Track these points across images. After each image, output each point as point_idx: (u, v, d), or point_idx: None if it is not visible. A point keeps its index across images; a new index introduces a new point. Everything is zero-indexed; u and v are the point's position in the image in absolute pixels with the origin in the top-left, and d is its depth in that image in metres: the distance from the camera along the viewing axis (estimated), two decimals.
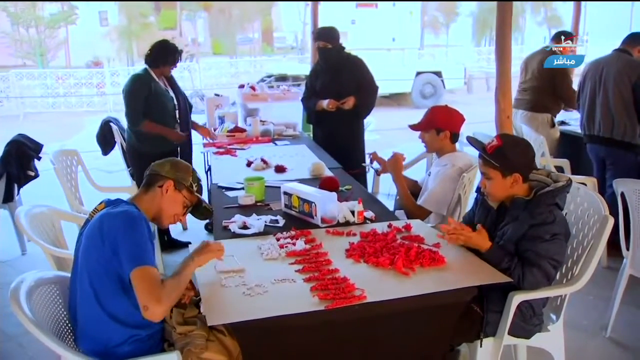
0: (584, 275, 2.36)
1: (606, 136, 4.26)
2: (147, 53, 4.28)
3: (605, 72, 4.24)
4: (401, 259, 2.16)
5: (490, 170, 2.35)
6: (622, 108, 4.13)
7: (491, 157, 2.33)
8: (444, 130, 3.10)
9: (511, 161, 2.31)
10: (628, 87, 4.09)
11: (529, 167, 2.36)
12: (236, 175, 3.55)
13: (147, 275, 1.85)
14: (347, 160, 4.31)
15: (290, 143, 4.76)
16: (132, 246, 1.88)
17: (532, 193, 2.31)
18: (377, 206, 3.03)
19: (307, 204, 2.72)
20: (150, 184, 2.16)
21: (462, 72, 14.84)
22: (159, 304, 1.81)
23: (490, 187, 2.38)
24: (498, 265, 2.22)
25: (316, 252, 2.31)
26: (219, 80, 16.44)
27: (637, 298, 3.60)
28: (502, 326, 2.27)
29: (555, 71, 5.24)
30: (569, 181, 2.35)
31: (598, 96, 4.30)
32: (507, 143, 2.34)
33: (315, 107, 4.69)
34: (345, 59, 4.73)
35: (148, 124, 4.14)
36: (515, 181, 2.32)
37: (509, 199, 2.36)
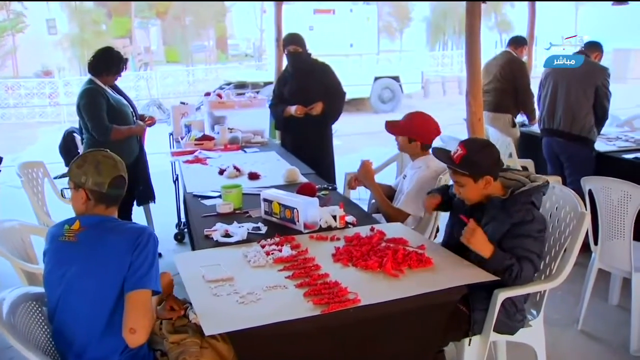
0: (563, 270, 2.43)
1: (565, 130, 4.50)
2: (90, 61, 4.12)
3: (568, 72, 4.47)
4: (390, 261, 2.19)
5: (461, 178, 2.40)
6: (584, 105, 4.39)
7: (460, 167, 2.38)
8: (416, 140, 3.16)
9: (480, 166, 2.36)
10: (591, 87, 4.35)
11: (496, 166, 2.42)
12: (210, 184, 3.52)
13: (148, 299, 1.85)
14: (316, 166, 4.33)
15: (259, 150, 4.74)
16: (145, 267, 1.88)
17: (508, 192, 2.37)
18: (356, 210, 3.05)
19: (288, 210, 2.71)
20: (114, 202, 2.09)
21: (419, 76, 15.07)
22: (147, 332, 1.81)
23: (464, 193, 2.44)
24: (501, 265, 2.24)
25: (303, 258, 2.31)
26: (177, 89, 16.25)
27: (605, 291, 3.72)
28: (487, 323, 2.32)
29: (514, 73, 5.43)
30: (545, 182, 2.42)
31: (560, 93, 4.53)
32: (472, 149, 2.39)
33: (284, 114, 4.70)
34: (313, 64, 4.76)
35: (116, 131, 4.03)
36: (487, 183, 2.38)
37: (485, 198, 2.41)
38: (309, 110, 4.57)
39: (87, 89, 4.03)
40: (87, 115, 3.99)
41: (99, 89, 4.02)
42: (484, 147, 2.46)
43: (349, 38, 14.80)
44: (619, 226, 3.18)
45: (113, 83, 4.20)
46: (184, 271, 2.23)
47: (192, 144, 4.75)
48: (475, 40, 3.38)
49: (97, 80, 4.05)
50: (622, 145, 4.63)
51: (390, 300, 1.95)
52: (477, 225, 2.27)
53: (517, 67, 5.50)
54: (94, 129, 3.99)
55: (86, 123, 4.02)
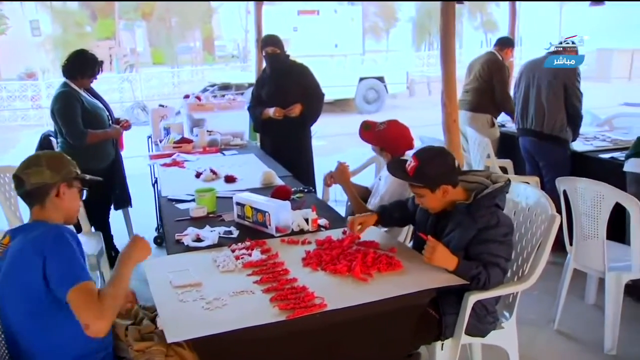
0: (534, 272, 2.44)
1: (537, 129, 4.54)
2: (64, 63, 4.06)
3: (539, 72, 4.52)
4: (359, 265, 2.18)
5: (418, 190, 2.39)
6: (554, 104, 4.42)
7: (414, 179, 2.36)
8: (386, 151, 3.14)
9: (433, 176, 2.33)
10: (560, 86, 4.37)
11: (451, 174, 2.37)
12: (186, 187, 3.50)
13: (83, 292, 1.77)
14: (294, 167, 4.32)
15: (238, 152, 4.72)
16: (62, 266, 1.81)
17: (472, 196, 2.34)
18: (329, 213, 3.04)
19: (260, 213, 2.70)
20: (41, 198, 2.02)
21: (404, 76, 15.10)
22: (100, 319, 1.73)
23: (426, 204, 2.42)
24: (468, 274, 2.22)
25: (273, 262, 2.30)
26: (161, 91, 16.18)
27: (580, 290, 3.74)
28: (458, 327, 2.32)
29: (492, 74, 5.45)
30: (507, 181, 2.39)
31: (532, 93, 4.57)
32: (424, 160, 2.35)
33: (262, 116, 4.68)
34: (291, 66, 4.75)
35: (91, 135, 3.99)
36: (445, 192, 2.34)
37: (449, 205, 2.40)
38: (287, 112, 4.55)
39: (61, 92, 3.98)
40: (61, 120, 3.95)
41: (73, 92, 3.98)
42: (436, 156, 2.40)
43: (333, 39, 14.83)
44: (592, 226, 3.19)
45: (88, 86, 4.15)
46: (152, 277, 2.21)
47: (171, 147, 4.72)
48: (449, 41, 3.39)
49: (71, 84, 4.01)
50: (599, 145, 4.64)
51: (357, 305, 1.94)
52: (438, 240, 2.24)
53: (495, 68, 5.52)
54: (69, 134, 3.95)
55: (61, 127, 3.97)
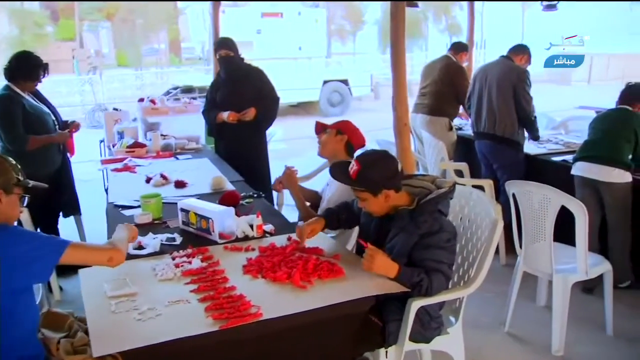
0: (478, 277, 2.44)
1: (490, 132, 4.60)
2: (6, 66, 3.92)
3: (490, 75, 4.59)
4: (298, 272, 2.15)
5: (361, 194, 2.36)
6: (504, 107, 4.49)
7: (356, 183, 2.34)
8: (343, 133, 3.12)
9: (374, 180, 2.31)
10: (509, 89, 4.44)
11: (394, 179, 2.35)
12: (135, 193, 3.42)
13: (77, 246, 1.93)
14: (250, 172, 4.28)
15: (192, 157, 4.66)
16: (34, 244, 1.86)
17: (415, 201, 2.33)
18: (278, 219, 3.01)
19: (204, 220, 2.65)
20: None
21: (368, 79, 15.16)
22: (115, 250, 2.01)
23: (368, 207, 2.40)
24: (410, 281, 2.20)
25: (213, 270, 2.25)
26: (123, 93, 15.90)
27: (532, 292, 3.78)
28: (402, 333, 2.30)
29: (453, 77, 5.50)
30: (451, 187, 2.38)
31: (484, 96, 4.64)
32: (365, 164, 2.33)
33: (216, 120, 4.62)
34: (246, 69, 4.69)
35: (33, 140, 3.85)
36: (387, 196, 2.33)
37: (392, 209, 2.38)
38: (241, 116, 4.50)
39: (1, 96, 3.85)
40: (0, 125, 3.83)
41: (14, 96, 3.85)
42: (379, 160, 2.38)
43: (297, 41, 14.82)
44: (540, 229, 3.22)
45: (33, 89, 4.03)
46: (86, 287, 2.15)
47: (123, 152, 4.64)
48: (400, 45, 3.39)
49: (13, 87, 3.88)
50: (552, 148, 4.71)
51: (294, 313, 1.91)
52: (380, 246, 2.24)
53: (454, 71, 5.57)
54: (8, 139, 3.83)
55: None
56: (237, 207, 3.10)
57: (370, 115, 11.12)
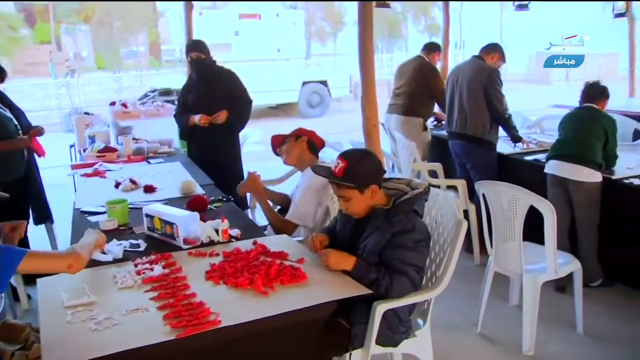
0: (443, 279, 2.42)
1: (462, 132, 4.61)
2: None
3: (461, 75, 4.60)
4: (260, 278, 2.12)
5: (347, 192, 2.35)
6: (474, 107, 4.50)
7: (344, 180, 2.32)
8: (302, 136, 3.11)
9: (363, 175, 2.32)
10: (479, 89, 4.44)
11: (379, 173, 2.39)
12: (103, 198, 3.35)
13: (34, 255, 1.86)
14: (223, 175, 4.24)
15: (164, 161, 4.61)
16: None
17: (391, 202, 2.34)
18: (245, 223, 2.98)
19: (168, 225, 2.61)
20: None
21: (347, 80, 15.16)
22: (75, 257, 1.95)
23: (352, 207, 2.38)
24: (365, 278, 2.21)
25: (174, 277, 2.21)
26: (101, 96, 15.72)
27: (505, 291, 3.78)
28: (368, 337, 2.28)
29: (427, 77, 5.50)
30: (426, 188, 2.39)
31: (456, 96, 4.65)
32: (353, 160, 2.34)
33: (188, 123, 4.58)
34: (218, 72, 4.66)
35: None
36: (373, 192, 2.34)
37: (370, 210, 2.38)
38: (213, 119, 4.46)
39: None
40: None
41: None
42: (365, 156, 2.41)
43: (275, 43, 14.77)
44: (510, 229, 3.23)
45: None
46: (43, 296, 2.10)
47: (94, 156, 4.57)
48: (368, 45, 3.37)
49: None
50: (525, 147, 4.72)
51: (254, 320, 1.88)
52: (356, 244, 2.29)
53: (428, 72, 5.56)
54: None
55: None
56: (205, 212, 3.07)
57: (350, 116, 11.11)
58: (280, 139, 3.20)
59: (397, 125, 5.46)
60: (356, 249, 2.36)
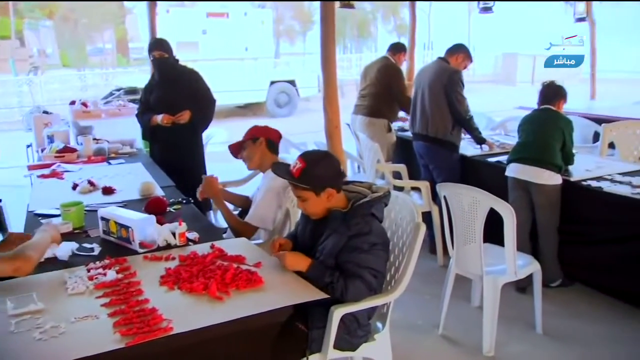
0: (401, 282, 2.41)
1: (423, 133, 4.62)
2: None
3: (425, 76, 4.62)
4: (215, 282, 2.08)
5: (303, 193, 2.34)
6: (435, 109, 4.51)
7: (300, 181, 2.31)
8: (259, 137, 3.07)
9: (319, 178, 2.30)
10: (441, 90, 4.45)
11: (336, 177, 2.37)
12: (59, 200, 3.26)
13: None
14: (185, 176, 4.17)
15: (125, 161, 4.52)
16: None
17: (350, 204, 2.33)
18: (204, 225, 2.93)
19: (124, 229, 2.55)
20: None
21: (316, 80, 15.14)
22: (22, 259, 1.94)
23: (309, 208, 2.37)
24: (320, 280, 2.20)
25: (128, 282, 2.15)
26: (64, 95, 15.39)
27: (467, 293, 3.80)
28: (326, 341, 2.26)
29: (390, 78, 5.50)
30: (386, 192, 2.39)
31: (419, 97, 4.66)
32: (310, 161, 2.32)
33: (150, 123, 4.50)
34: (181, 71, 4.59)
35: None
36: (330, 195, 2.32)
37: (329, 212, 2.36)
38: (176, 118, 4.39)
39: None
40: None
41: None
42: (323, 158, 2.39)
43: (244, 42, 14.70)
44: (470, 231, 3.24)
45: None
46: None
47: (52, 157, 4.46)
48: (329, 46, 3.34)
49: None
50: (489, 150, 4.75)
51: (207, 326, 1.84)
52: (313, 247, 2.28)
53: (392, 72, 5.57)
54: None
55: None
56: (164, 214, 3.02)
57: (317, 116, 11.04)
58: (237, 146, 3.14)
59: (362, 126, 5.46)
60: (315, 251, 2.34)
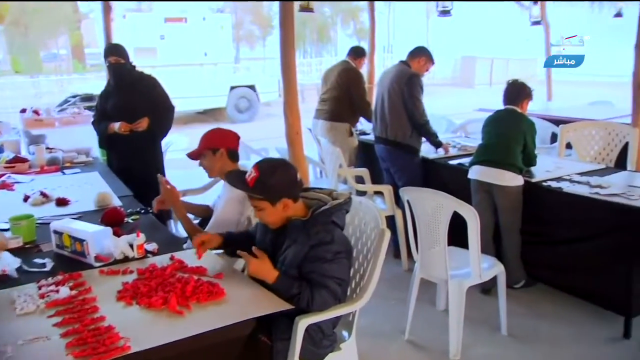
0: (367, 290, 2.36)
1: (383, 136, 4.63)
2: None
3: (385, 80, 4.62)
4: (175, 296, 2.00)
5: (258, 203, 2.27)
6: (394, 112, 4.51)
7: (254, 191, 2.25)
8: (219, 148, 2.96)
9: (274, 187, 2.24)
10: (399, 94, 4.46)
11: (293, 187, 2.30)
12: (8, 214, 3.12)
13: None
14: (144, 185, 4.05)
15: (81, 171, 4.37)
16: None
17: (310, 212, 2.28)
18: (164, 236, 2.84)
19: (78, 242, 2.44)
20: None
21: (276, 84, 15.08)
22: None
23: (266, 217, 2.31)
24: (287, 293, 2.14)
25: (82, 299, 2.06)
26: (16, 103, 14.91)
27: (432, 297, 3.79)
28: (291, 353, 2.20)
29: (350, 82, 5.48)
30: (347, 199, 2.34)
31: (379, 101, 4.66)
32: (264, 171, 2.25)
33: (107, 131, 4.36)
34: (138, 77, 4.46)
35: None
36: (286, 205, 2.26)
37: (288, 221, 2.30)
38: (134, 126, 4.27)
39: None
40: None
41: None
42: (279, 167, 2.31)
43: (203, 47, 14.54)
44: (435, 235, 3.23)
45: None
46: None
47: (2, 167, 4.29)
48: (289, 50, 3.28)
49: None
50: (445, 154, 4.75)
51: (167, 344, 1.76)
52: (273, 258, 2.21)
53: (352, 76, 5.54)
54: None
55: None
56: (121, 225, 2.91)
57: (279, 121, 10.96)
58: (195, 155, 3.03)
59: (323, 131, 5.42)
60: (276, 261, 2.28)
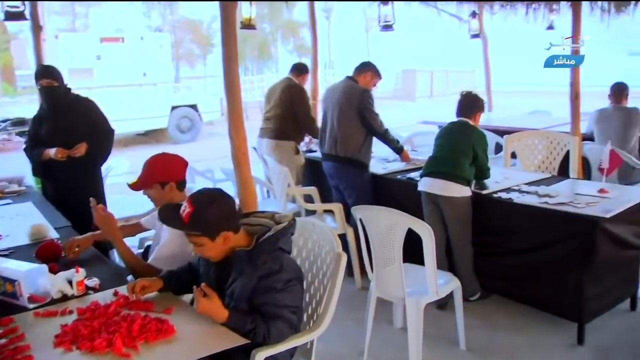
0: (326, 316, 2.29)
1: (332, 153, 4.58)
2: None
3: (332, 96, 4.59)
4: (120, 337, 1.85)
5: (196, 239, 2.13)
6: (344, 128, 4.48)
7: (190, 227, 2.11)
8: (168, 182, 2.76)
9: (211, 222, 2.10)
10: (351, 110, 4.43)
11: (232, 218, 2.16)
12: None
13: None
14: (84, 214, 3.83)
15: (13, 201, 4.11)
16: None
17: (254, 241, 2.16)
18: (107, 269, 2.66)
19: (9, 283, 2.25)
20: None
21: (218, 103, 14.89)
22: None
23: (205, 253, 2.18)
24: (241, 329, 2.02)
25: (14, 348, 1.87)
26: None
27: (389, 315, 3.73)
28: None
29: (293, 99, 5.40)
30: (291, 221, 2.24)
31: (327, 117, 4.62)
32: (200, 204, 2.11)
33: (42, 157, 4.12)
34: (74, 100, 4.25)
35: None
36: (226, 238, 2.13)
37: (231, 252, 2.18)
38: (71, 152, 4.05)
39: None
40: None
41: None
42: (214, 199, 2.16)
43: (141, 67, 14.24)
44: (389, 253, 3.17)
45: None
46: None
47: None
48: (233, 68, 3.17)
49: None
50: (398, 167, 4.74)
51: None
52: (219, 293, 2.08)
53: (296, 93, 5.46)
54: None
55: None
56: (58, 260, 2.72)
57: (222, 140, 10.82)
58: (139, 188, 2.83)
59: (268, 150, 5.32)
60: (223, 295, 2.14)
